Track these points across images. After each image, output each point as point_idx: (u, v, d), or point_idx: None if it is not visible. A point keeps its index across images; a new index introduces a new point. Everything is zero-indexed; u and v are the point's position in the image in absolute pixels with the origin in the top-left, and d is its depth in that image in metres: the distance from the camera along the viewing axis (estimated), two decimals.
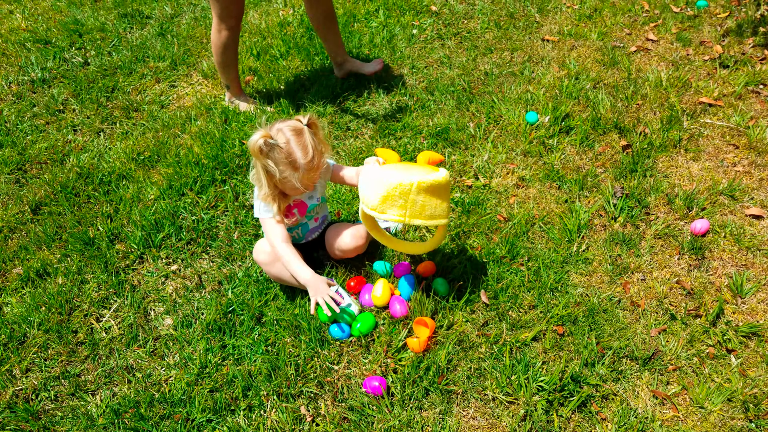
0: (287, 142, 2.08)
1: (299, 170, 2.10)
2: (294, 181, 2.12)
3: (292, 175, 2.10)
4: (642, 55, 3.70)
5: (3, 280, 2.63)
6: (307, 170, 2.12)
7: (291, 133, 2.09)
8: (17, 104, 3.72)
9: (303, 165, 2.10)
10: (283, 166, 2.09)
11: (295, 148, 2.08)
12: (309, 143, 2.10)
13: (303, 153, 2.09)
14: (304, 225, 2.42)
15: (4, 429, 2.07)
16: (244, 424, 1.99)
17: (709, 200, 2.71)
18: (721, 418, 1.96)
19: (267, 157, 2.08)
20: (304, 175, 2.12)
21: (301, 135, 2.10)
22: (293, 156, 2.08)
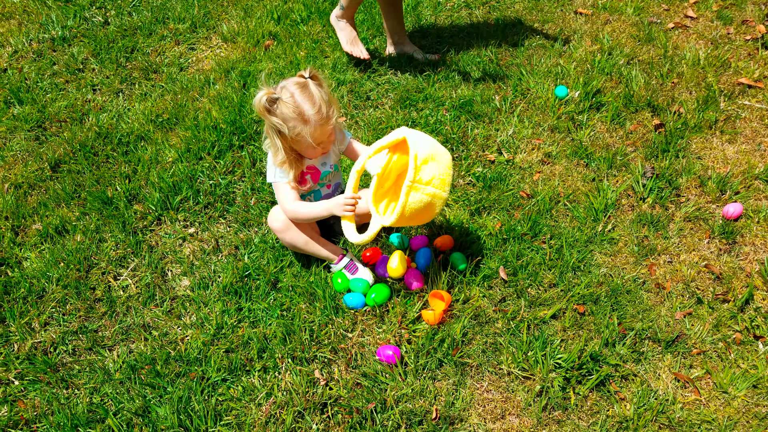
0: (292, 96, 2.03)
1: (309, 123, 2.04)
2: (307, 137, 2.06)
3: (304, 129, 2.05)
4: (680, 32, 3.56)
5: (23, 235, 2.64)
6: (319, 122, 2.05)
7: (295, 87, 2.05)
8: (37, 62, 3.71)
9: (312, 116, 2.04)
10: (292, 122, 2.04)
11: (301, 100, 2.03)
12: (315, 94, 2.05)
13: (310, 104, 2.04)
14: (316, 192, 2.37)
15: (23, 379, 2.09)
16: (258, 385, 1.99)
17: (743, 184, 2.62)
18: (745, 404, 1.91)
19: (274, 115, 2.04)
20: (316, 128, 2.05)
21: (305, 88, 2.05)
22: (301, 108, 2.03)
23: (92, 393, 2.03)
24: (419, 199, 1.95)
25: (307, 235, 2.28)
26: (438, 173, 1.96)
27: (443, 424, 1.87)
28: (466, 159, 2.79)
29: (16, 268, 2.48)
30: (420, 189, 1.95)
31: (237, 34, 3.78)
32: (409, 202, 1.95)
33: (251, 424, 1.89)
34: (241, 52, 3.64)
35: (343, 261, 2.29)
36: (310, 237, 2.29)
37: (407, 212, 1.97)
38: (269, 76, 3.33)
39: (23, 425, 1.96)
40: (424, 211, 1.99)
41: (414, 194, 1.94)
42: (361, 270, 2.29)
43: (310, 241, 2.28)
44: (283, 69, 3.40)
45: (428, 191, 1.96)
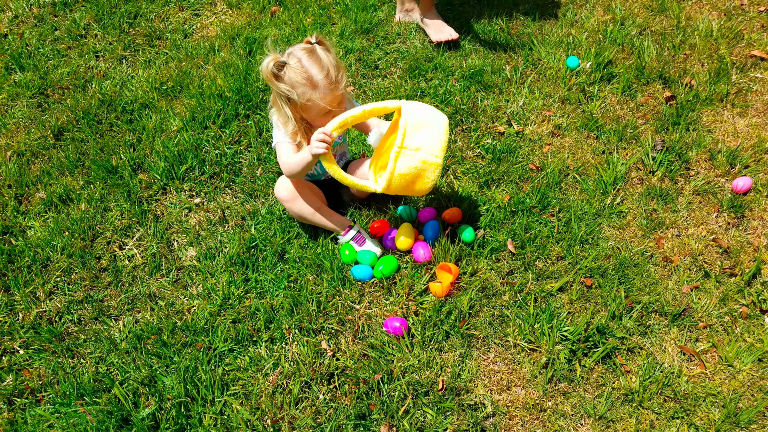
0: (299, 61, 2.00)
1: (318, 88, 2.01)
2: (317, 101, 2.02)
3: (313, 94, 2.01)
4: (693, 2, 3.48)
5: (26, 203, 2.63)
6: (328, 86, 2.01)
7: (302, 52, 2.01)
8: (39, 27, 3.64)
9: (321, 80, 2.00)
10: (301, 87, 2.01)
11: (309, 65, 2.00)
12: (323, 58, 2.02)
13: (318, 68, 2.00)
14: (320, 162, 2.34)
15: (28, 348, 2.10)
16: (265, 355, 2.00)
17: (753, 158, 2.58)
18: (751, 377, 1.92)
19: (282, 81, 2.01)
20: (326, 93, 2.02)
21: (313, 53, 2.02)
22: (309, 73, 2.00)
23: (98, 362, 2.04)
24: (408, 164, 1.92)
25: (315, 206, 2.26)
26: (429, 140, 1.93)
27: (449, 395, 1.88)
28: (476, 130, 2.75)
29: (20, 237, 2.47)
30: (408, 155, 1.91)
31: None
32: (398, 167, 1.92)
33: (258, 394, 1.91)
34: (247, 18, 3.57)
35: (351, 233, 2.28)
36: (318, 208, 2.27)
37: (396, 178, 1.94)
38: (275, 42, 3.26)
39: (28, 394, 1.97)
40: (415, 178, 1.95)
41: (402, 159, 1.91)
42: (368, 242, 2.27)
43: (317, 213, 2.27)
44: (290, 36, 3.34)
45: (418, 156, 1.92)
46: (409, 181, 1.96)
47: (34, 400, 1.96)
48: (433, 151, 1.93)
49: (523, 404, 1.88)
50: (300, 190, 2.25)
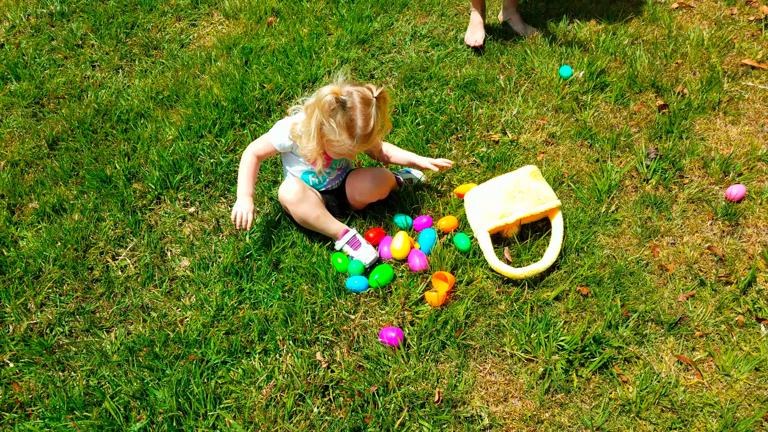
0: (353, 108, 2.03)
1: (354, 139, 2.06)
2: (344, 148, 2.08)
3: (345, 141, 2.06)
4: (684, 12, 3.50)
5: (19, 213, 2.61)
6: (362, 142, 2.07)
7: (359, 100, 2.04)
8: (35, 37, 3.63)
9: (359, 135, 2.05)
10: (340, 129, 2.04)
11: (358, 116, 2.04)
12: (372, 116, 2.05)
13: (364, 124, 2.04)
14: (327, 173, 2.34)
15: (18, 361, 2.08)
16: (259, 367, 1.97)
17: (746, 165, 2.59)
18: (748, 387, 1.91)
19: (330, 116, 2.03)
20: (356, 146, 2.08)
21: (368, 106, 2.05)
22: (354, 124, 2.04)
23: (89, 375, 2.01)
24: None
25: (319, 210, 2.26)
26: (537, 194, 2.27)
27: (446, 407, 1.87)
28: (471, 139, 2.75)
29: (12, 248, 2.45)
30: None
31: (239, 10, 3.71)
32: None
33: (251, 408, 1.88)
34: (243, 28, 3.57)
35: (347, 235, 2.27)
36: (321, 212, 2.27)
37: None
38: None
39: (18, 408, 1.94)
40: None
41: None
42: (363, 246, 2.26)
43: (321, 216, 2.26)
44: (286, 46, 3.34)
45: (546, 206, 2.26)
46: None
47: (24, 415, 1.93)
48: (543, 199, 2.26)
49: (520, 416, 1.86)
50: (305, 194, 2.25)
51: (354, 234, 2.28)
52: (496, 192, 2.27)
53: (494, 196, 2.27)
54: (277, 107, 3.00)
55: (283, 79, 3.11)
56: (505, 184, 2.29)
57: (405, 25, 3.49)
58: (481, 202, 2.29)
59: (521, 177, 2.29)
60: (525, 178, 2.29)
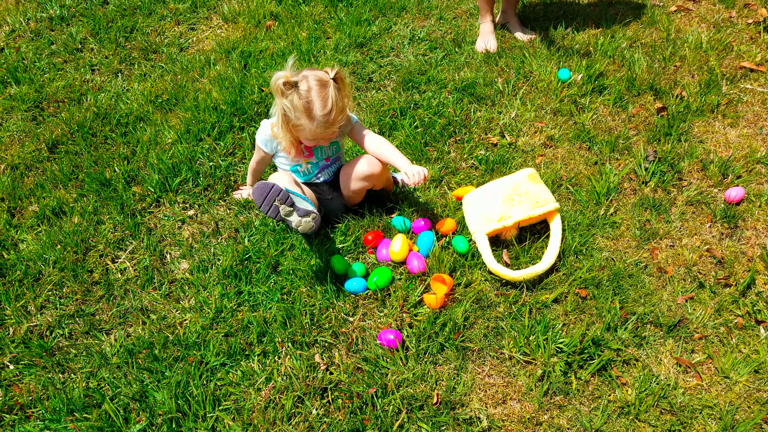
0: (308, 90, 2.04)
1: (314, 121, 2.06)
2: (306, 131, 2.09)
3: (306, 124, 2.07)
4: (682, 15, 3.51)
5: (19, 217, 2.62)
6: (323, 124, 2.07)
7: (315, 82, 2.04)
8: (35, 41, 3.65)
9: (319, 117, 2.05)
10: (299, 113, 2.05)
11: (315, 98, 2.04)
12: (330, 96, 2.05)
13: (322, 104, 2.04)
14: (314, 164, 2.35)
15: (18, 363, 2.08)
16: (258, 369, 1.98)
17: (745, 168, 2.59)
18: (747, 389, 1.91)
19: (285, 98, 2.05)
20: (318, 128, 2.07)
21: (325, 87, 2.05)
22: (311, 105, 2.04)
23: (89, 377, 2.02)
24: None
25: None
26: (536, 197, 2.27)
27: (444, 409, 1.87)
28: (469, 142, 2.76)
29: (12, 251, 2.45)
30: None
31: (238, 14, 3.72)
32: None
33: (250, 409, 1.88)
34: (242, 32, 3.59)
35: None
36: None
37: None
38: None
39: (18, 410, 1.94)
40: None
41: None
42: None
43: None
44: (284, 50, 3.35)
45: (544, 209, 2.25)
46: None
47: (24, 416, 1.93)
48: (542, 201, 2.26)
49: (518, 418, 1.86)
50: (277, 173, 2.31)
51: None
52: (495, 195, 2.28)
53: (492, 199, 2.27)
54: None
55: None
56: (504, 187, 2.29)
57: (403, 29, 3.50)
58: (479, 205, 2.29)
59: (519, 180, 2.30)
60: (523, 180, 2.29)
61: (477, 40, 3.33)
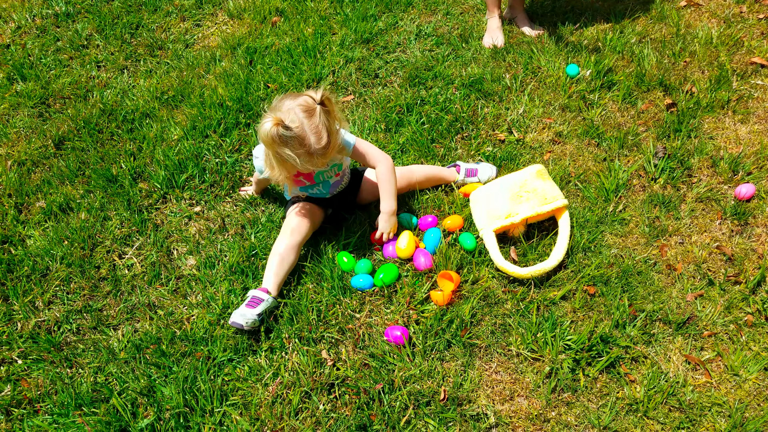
0: (300, 126, 1.93)
1: (313, 156, 1.97)
2: (308, 165, 2.01)
3: (306, 159, 1.97)
4: (692, 10, 3.48)
5: (26, 212, 2.62)
6: (319, 153, 1.98)
7: (303, 114, 1.93)
8: (41, 38, 3.65)
9: (316, 150, 1.96)
10: (296, 153, 1.95)
11: (308, 132, 1.94)
12: (322, 125, 1.95)
13: (316, 138, 1.95)
14: (324, 183, 2.30)
15: (26, 358, 2.09)
16: (265, 365, 1.97)
17: (756, 165, 2.57)
18: (757, 386, 1.89)
19: (282, 145, 1.93)
20: (315, 158, 1.99)
21: (312, 116, 1.94)
22: (306, 141, 1.94)
23: (96, 372, 2.02)
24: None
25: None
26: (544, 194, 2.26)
27: (451, 405, 1.86)
28: (476, 138, 2.75)
29: (19, 246, 2.46)
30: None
31: (243, 10, 3.72)
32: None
33: (257, 405, 1.88)
34: (248, 28, 3.58)
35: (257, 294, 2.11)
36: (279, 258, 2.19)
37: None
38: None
39: (26, 404, 1.95)
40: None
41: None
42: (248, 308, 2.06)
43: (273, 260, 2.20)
44: (290, 46, 3.35)
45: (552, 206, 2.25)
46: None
47: (32, 411, 1.94)
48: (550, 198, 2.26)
49: (526, 414, 1.85)
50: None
51: (259, 297, 2.08)
52: (502, 191, 2.27)
53: (500, 196, 2.26)
54: None
55: (287, 79, 3.12)
56: (511, 183, 2.28)
57: (410, 24, 3.49)
58: (486, 202, 2.28)
59: (527, 176, 2.28)
60: (531, 177, 2.28)
61: (484, 36, 3.31)
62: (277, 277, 2.13)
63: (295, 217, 2.25)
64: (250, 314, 2.00)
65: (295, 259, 2.19)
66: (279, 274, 2.13)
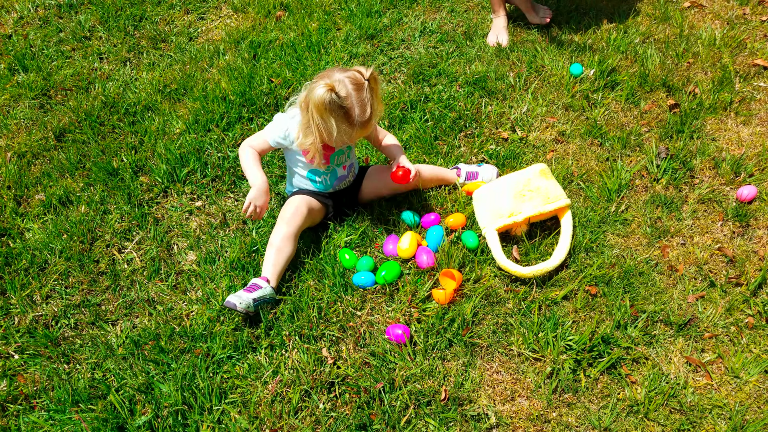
0: (348, 96, 1.99)
1: (353, 127, 2.03)
2: (344, 137, 2.05)
3: (344, 130, 2.03)
4: (696, 11, 3.47)
5: (25, 205, 2.61)
6: (361, 126, 2.05)
7: (352, 86, 2.00)
8: (43, 29, 3.63)
9: (358, 122, 2.03)
10: (339, 121, 2.01)
11: (355, 103, 2.01)
12: (368, 101, 2.02)
13: (361, 110, 2.02)
14: (333, 172, 2.32)
15: (23, 353, 2.07)
16: (265, 362, 1.96)
17: (757, 166, 2.56)
18: (757, 389, 1.89)
19: (327, 111, 1.98)
20: (357, 130, 2.06)
21: (361, 90, 2.01)
22: (351, 112, 2.01)
23: (94, 368, 2.01)
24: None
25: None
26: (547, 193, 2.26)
27: (452, 405, 1.85)
28: (479, 136, 2.74)
29: (18, 239, 2.45)
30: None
31: (248, 4, 3.70)
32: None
33: (257, 403, 1.87)
34: (252, 22, 3.56)
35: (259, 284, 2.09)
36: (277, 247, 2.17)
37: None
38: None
39: (23, 400, 1.94)
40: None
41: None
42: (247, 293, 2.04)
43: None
44: (294, 40, 3.33)
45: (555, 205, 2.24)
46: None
47: (28, 407, 1.92)
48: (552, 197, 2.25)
49: (527, 415, 1.85)
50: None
51: (257, 284, 2.07)
52: (505, 190, 2.26)
53: (503, 194, 2.25)
54: (285, 101, 2.98)
55: (291, 74, 3.10)
56: (514, 182, 2.27)
57: (414, 21, 3.47)
58: (489, 200, 2.27)
59: (530, 175, 2.27)
60: (534, 176, 2.27)
61: (489, 34, 3.30)
62: (275, 267, 2.12)
63: (290, 208, 2.24)
64: (245, 296, 2.00)
65: (292, 250, 2.18)
66: (277, 265, 2.13)
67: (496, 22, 3.28)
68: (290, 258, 2.18)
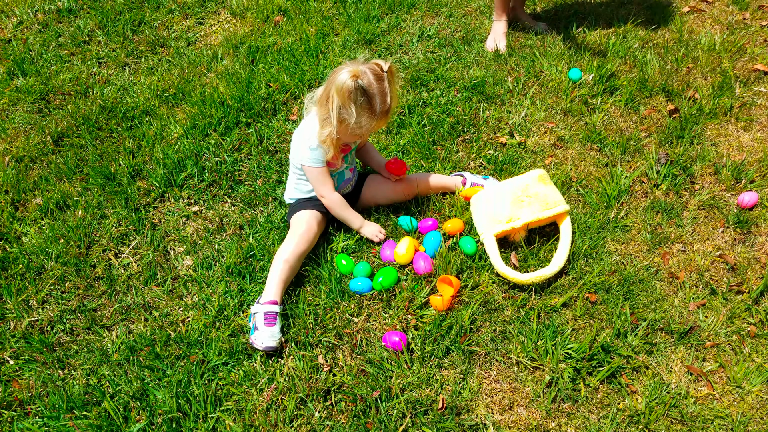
0: (369, 86, 2.01)
1: (375, 117, 2.05)
2: (363, 128, 2.07)
3: (365, 121, 2.05)
4: (695, 16, 3.46)
5: (22, 209, 2.59)
6: (381, 119, 2.07)
7: (374, 78, 2.02)
8: (42, 33, 3.63)
9: (380, 113, 2.05)
10: (361, 110, 2.03)
11: (376, 94, 2.03)
12: (388, 91, 2.05)
13: (382, 100, 2.04)
14: (340, 174, 2.32)
15: (18, 359, 2.05)
16: (260, 369, 1.94)
17: (758, 172, 2.55)
18: (759, 399, 1.87)
19: (350, 99, 1.99)
20: (376, 122, 2.07)
21: (382, 81, 2.04)
22: (374, 101, 2.03)
23: (89, 374, 1.99)
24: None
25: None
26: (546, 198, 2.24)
27: (450, 414, 1.83)
28: (477, 141, 2.72)
29: (14, 244, 2.43)
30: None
31: (246, 9, 3.70)
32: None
33: (252, 411, 1.85)
34: (250, 27, 3.56)
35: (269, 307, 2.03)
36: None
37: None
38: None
39: (17, 406, 1.92)
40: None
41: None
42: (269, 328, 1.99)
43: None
44: (293, 45, 3.32)
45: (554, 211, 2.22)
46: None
47: (23, 413, 1.91)
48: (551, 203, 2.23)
49: (525, 425, 1.82)
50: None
51: (273, 312, 2.02)
52: (504, 195, 2.24)
53: (501, 200, 2.23)
54: (283, 107, 2.98)
55: (289, 79, 3.09)
56: (513, 187, 2.26)
57: (412, 26, 3.47)
58: (487, 206, 2.25)
59: (529, 181, 2.26)
60: (533, 182, 2.25)
61: (487, 38, 3.29)
62: (285, 285, 2.10)
63: (304, 224, 2.21)
64: (276, 333, 1.97)
65: (299, 268, 2.17)
66: (287, 282, 2.11)
67: (496, 26, 3.26)
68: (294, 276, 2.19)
